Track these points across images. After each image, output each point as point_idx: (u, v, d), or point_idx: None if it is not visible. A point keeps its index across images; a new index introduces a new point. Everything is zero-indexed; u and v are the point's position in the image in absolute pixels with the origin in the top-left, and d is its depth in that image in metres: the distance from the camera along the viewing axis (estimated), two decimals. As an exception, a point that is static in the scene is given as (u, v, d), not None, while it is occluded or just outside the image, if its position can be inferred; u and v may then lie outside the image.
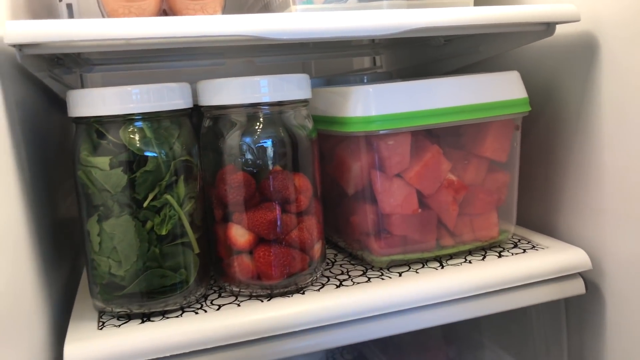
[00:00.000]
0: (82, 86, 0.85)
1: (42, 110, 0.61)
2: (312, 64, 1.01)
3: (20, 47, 0.42)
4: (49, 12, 0.78)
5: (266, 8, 0.63)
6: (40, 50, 0.43)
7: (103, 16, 0.52)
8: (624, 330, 0.56)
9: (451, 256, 0.59)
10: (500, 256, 0.58)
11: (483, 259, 0.58)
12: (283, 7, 0.57)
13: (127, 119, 0.47)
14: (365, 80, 0.87)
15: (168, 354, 0.45)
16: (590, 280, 0.58)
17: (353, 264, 0.59)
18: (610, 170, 0.56)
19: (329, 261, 0.61)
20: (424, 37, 0.76)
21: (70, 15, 0.80)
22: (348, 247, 0.62)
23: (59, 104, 0.72)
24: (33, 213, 0.50)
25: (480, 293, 0.53)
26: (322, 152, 0.58)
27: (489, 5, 0.55)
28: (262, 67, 0.94)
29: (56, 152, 0.66)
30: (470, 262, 0.57)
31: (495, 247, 0.60)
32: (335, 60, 1.03)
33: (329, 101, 0.57)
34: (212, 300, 0.52)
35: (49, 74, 0.57)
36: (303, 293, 0.52)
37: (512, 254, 0.58)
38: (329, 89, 0.58)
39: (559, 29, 0.57)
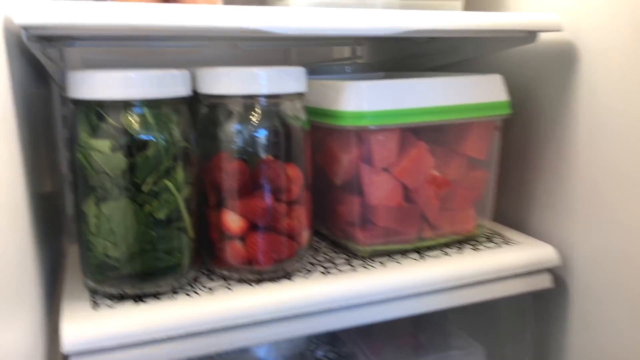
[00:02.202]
0: (61, 60, 0.83)
1: (30, 84, 0.61)
2: (293, 52, 1.02)
3: (27, 28, 0.42)
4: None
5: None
6: (47, 32, 0.43)
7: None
8: (588, 324, 0.60)
9: (429, 248, 0.62)
10: (475, 250, 0.62)
11: (460, 252, 0.61)
12: (281, -1, 0.58)
13: (128, 104, 0.47)
14: (347, 70, 0.89)
15: (164, 336, 0.47)
16: (558, 275, 0.63)
17: (336, 252, 0.61)
18: (581, 173, 0.60)
19: (314, 248, 0.63)
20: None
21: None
22: (331, 235, 0.64)
23: (43, 76, 0.71)
24: (28, 188, 0.50)
25: (457, 285, 0.57)
26: (312, 141, 0.59)
27: (476, 10, 0.57)
28: (244, 52, 0.94)
29: (44, 127, 0.65)
30: (448, 254, 0.60)
31: (471, 240, 0.64)
32: (315, 48, 1.05)
33: (322, 93, 0.59)
34: (204, 283, 0.54)
35: (41, 50, 0.56)
36: (291, 279, 0.54)
37: (487, 248, 0.62)
38: (322, 81, 0.60)
39: (542, 36, 0.61)
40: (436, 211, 0.61)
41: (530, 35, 0.60)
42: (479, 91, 0.59)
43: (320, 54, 1.06)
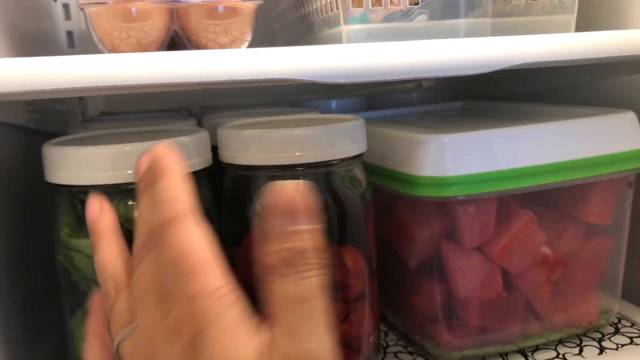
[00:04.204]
0: (80, 101, 0.72)
1: (17, 158, 0.48)
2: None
3: (-30, 96, 0.30)
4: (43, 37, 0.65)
5: (305, 21, 0.50)
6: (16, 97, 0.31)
7: (95, 41, 0.39)
8: None
9: (538, 347, 0.46)
10: (601, 350, 0.45)
11: (580, 353, 0.45)
12: (331, 24, 0.43)
13: (122, 189, 0.34)
14: (413, 97, 0.74)
15: None
16: None
17: (411, 353, 0.47)
18: None
19: (382, 347, 0.48)
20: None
21: (71, 42, 0.70)
22: (403, 328, 0.49)
23: (45, 138, 0.59)
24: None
25: (584, 410, 0.41)
26: (376, 208, 0.45)
27: (589, 19, 0.42)
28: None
29: (43, 205, 0.53)
30: (563, 357, 0.44)
31: (594, 333, 0.48)
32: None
33: (387, 146, 0.44)
34: (235, 413, 0.40)
35: (26, 108, 0.44)
36: (353, 407, 0.40)
37: (617, 346, 0.45)
38: (388, 130, 0.45)
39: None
40: (547, 300, 0.45)
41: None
42: (608, 137, 0.43)
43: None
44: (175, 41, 0.40)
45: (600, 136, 0.43)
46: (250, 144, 0.36)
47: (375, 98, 0.71)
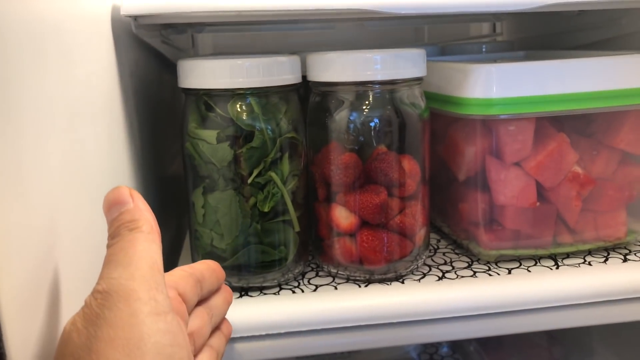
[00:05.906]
0: (193, 46, 0.86)
1: (153, 73, 0.62)
2: (426, 29, 0.95)
3: (135, 17, 0.42)
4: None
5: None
6: (155, 20, 0.43)
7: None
8: None
9: (568, 255, 0.54)
10: (625, 260, 0.52)
11: (605, 262, 0.52)
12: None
13: (235, 93, 0.46)
14: (483, 49, 0.81)
15: (264, 333, 0.45)
16: None
17: (457, 254, 0.56)
18: None
19: (432, 247, 0.58)
20: (555, 5, 0.68)
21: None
22: (453, 234, 0.58)
23: (169, 67, 0.73)
24: (142, 173, 0.51)
25: (598, 301, 0.49)
26: (432, 130, 0.54)
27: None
28: (372, 32, 0.90)
29: (166, 114, 0.67)
30: (589, 263, 0.52)
31: (619, 248, 0.55)
32: (450, 25, 0.97)
33: (445, 77, 0.53)
34: (310, 279, 0.51)
35: (161, 39, 0.57)
36: (402, 282, 0.50)
37: (640, 259, 0.52)
38: (445, 63, 0.54)
39: None
40: (577, 213, 0.52)
41: None
42: (637, 73, 0.49)
43: (456, 32, 0.98)
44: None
45: (630, 72, 0.49)
46: (330, 64, 0.47)
47: (448, 48, 0.79)
